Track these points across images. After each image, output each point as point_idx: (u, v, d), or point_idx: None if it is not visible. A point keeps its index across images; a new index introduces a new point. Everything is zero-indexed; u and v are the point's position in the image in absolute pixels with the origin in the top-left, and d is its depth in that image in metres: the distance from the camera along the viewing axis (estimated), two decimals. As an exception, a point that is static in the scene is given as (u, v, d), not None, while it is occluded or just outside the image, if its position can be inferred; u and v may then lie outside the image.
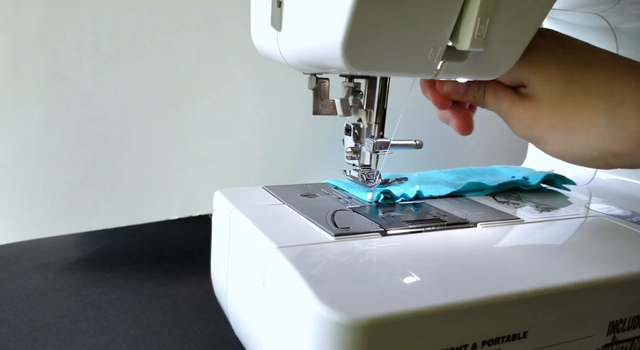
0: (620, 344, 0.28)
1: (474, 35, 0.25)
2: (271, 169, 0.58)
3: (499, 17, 0.26)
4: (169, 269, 0.53)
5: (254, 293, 0.28)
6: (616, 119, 0.26)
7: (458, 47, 0.26)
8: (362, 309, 0.21)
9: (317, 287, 0.22)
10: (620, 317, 0.27)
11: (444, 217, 0.33)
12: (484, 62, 0.28)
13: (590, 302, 0.25)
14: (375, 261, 0.26)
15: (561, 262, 0.27)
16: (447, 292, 0.23)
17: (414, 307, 0.21)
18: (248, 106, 0.57)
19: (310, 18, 0.27)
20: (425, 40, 0.26)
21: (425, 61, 0.27)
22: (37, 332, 0.39)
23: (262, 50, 0.34)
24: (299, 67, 0.31)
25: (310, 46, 0.27)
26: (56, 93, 0.53)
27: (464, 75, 0.29)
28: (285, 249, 0.26)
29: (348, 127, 0.37)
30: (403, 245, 0.28)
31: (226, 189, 0.38)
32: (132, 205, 0.56)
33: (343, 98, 0.34)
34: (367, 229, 0.29)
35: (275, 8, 0.29)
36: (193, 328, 0.41)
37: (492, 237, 0.30)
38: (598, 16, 0.47)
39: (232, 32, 0.58)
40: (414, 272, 0.24)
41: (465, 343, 0.22)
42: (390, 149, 0.36)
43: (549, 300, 0.24)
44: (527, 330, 0.24)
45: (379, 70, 0.28)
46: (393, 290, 0.23)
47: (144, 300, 0.46)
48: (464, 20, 0.25)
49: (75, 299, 0.45)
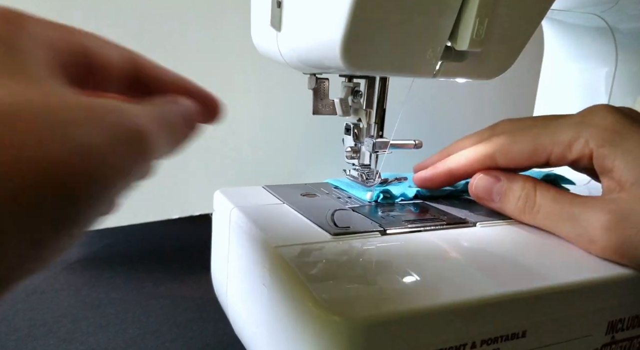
0: (619, 344, 0.28)
1: (473, 35, 0.25)
2: (271, 169, 0.58)
3: (497, 18, 0.26)
4: (168, 269, 0.53)
5: (254, 293, 0.28)
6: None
7: (457, 48, 0.26)
8: (362, 309, 0.21)
9: (316, 287, 0.22)
10: (619, 316, 0.27)
11: (444, 216, 0.33)
12: (482, 63, 0.28)
13: (589, 301, 0.25)
14: (374, 261, 0.26)
15: (560, 261, 0.27)
16: (446, 291, 0.23)
17: (413, 307, 0.21)
18: (248, 106, 0.57)
19: (309, 18, 0.27)
20: (424, 41, 0.26)
21: (424, 61, 0.27)
22: (36, 331, 0.40)
23: (262, 50, 0.34)
24: (298, 67, 0.31)
25: (310, 46, 0.28)
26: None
27: (463, 76, 0.30)
28: (285, 249, 0.26)
29: (348, 127, 0.37)
30: (402, 245, 0.28)
31: (226, 189, 0.38)
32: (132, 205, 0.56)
33: (342, 98, 0.34)
34: (366, 229, 0.29)
35: (275, 8, 0.29)
36: (192, 327, 0.41)
37: (491, 237, 0.30)
38: (597, 16, 0.47)
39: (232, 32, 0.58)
40: (414, 272, 0.24)
41: (464, 342, 0.22)
42: (390, 149, 0.36)
43: (548, 300, 0.24)
44: (526, 330, 0.24)
45: (378, 70, 0.28)
46: (393, 290, 0.23)
47: (143, 299, 0.46)
48: (462, 21, 0.26)
49: (75, 298, 0.45)
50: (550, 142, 0.29)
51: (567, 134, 0.29)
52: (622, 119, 0.28)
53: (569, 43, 0.53)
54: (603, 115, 0.28)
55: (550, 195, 0.29)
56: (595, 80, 0.51)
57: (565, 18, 0.51)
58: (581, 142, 0.28)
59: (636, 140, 0.27)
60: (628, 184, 0.26)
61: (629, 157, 0.27)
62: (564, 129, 0.29)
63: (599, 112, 0.28)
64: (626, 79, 0.49)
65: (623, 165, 0.27)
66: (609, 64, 0.50)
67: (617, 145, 0.27)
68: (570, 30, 0.52)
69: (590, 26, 0.49)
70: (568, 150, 0.29)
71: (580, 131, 0.28)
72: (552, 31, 0.54)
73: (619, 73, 0.49)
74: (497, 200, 0.31)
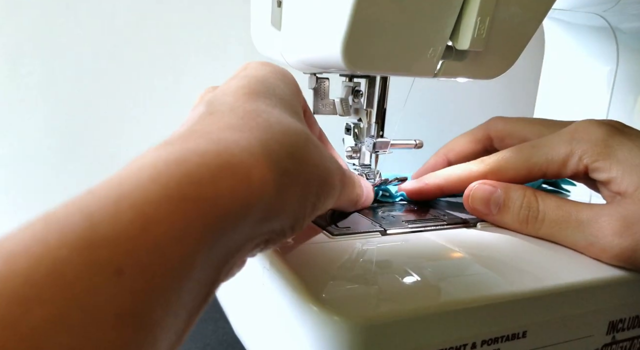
0: (619, 344, 0.28)
1: (474, 34, 0.25)
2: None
3: (499, 17, 0.26)
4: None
5: (254, 292, 0.28)
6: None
7: (458, 47, 0.26)
8: (362, 309, 0.21)
9: (317, 287, 0.22)
10: (620, 316, 0.27)
11: (444, 217, 0.33)
12: (483, 62, 0.28)
13: (589, 301, 0.25)
14: (375, 261, 0.26)
15: (561, 262, 0.27)
16: (446, 291, 0.23)
17: (413, 307, 0.21)
18: (248, 106, 0.57)
19: (310, 17, 0.27)
20: (425, 40, 0.26)
21: (425, 61, 0.27)
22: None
23: (262, 50, 0.34)
24: (299, 67, 0.31)
25: (310, 46, 0.27)
26: (55, 93, 0.53)
27: (464, 76, 0.29)
28: (284, 249, 0.26)
29: (348, 127, 0.37)
30: (403, 245, 0.28)
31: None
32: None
33: (343, 97, 0.34)
34: (367, 229, 0.29)
35: (275, 7, 0.29)
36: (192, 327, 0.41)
37: (492, 237, 0.30)
38: (598, 16, 0.47)
39: (232, 32, 0.58)
40: (414, 272, 0.24)
41: (464, 342, 0.22)
42: (390, 149, 0.36)
43: (548, 300, 0.24)
44: (527, 330, 0.24)
45: (379, 70, 0.28)
46: (393, 290, 0.23)
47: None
48: (463, 20, 0.25)
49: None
50: (544, 161, 0.30)
51: (560, 151, 0.29)
52: (610, 131, 0.28)
53: (570, 42, 0.53)
54: (592, 130, 0.29)
55: (553, 202, 0.29)
56: (597, 80, 0.51)
57: (566, 17, 0.51)
58: (575, 159, 0.29)
59: (628, 149, 0.28)
60: (630, 191, 0.27)
61: (624, 166, 0.27)
62: (555, 146, 0.30)
63: (587, 128, 0.29)
64: (628, 78, 0.49)
65: (620, 175, 0.27)
66: (611, 64, 0.50)
67: (611, 157, 0.28)
68: (572, 29, 0.52)
69: (592, 25, 0.49)
70: (563, 167, 0.30)
71: (573, 148, 0.29)
72: (553, 30, 0.54)
73: (621, 72, 0.49)
74: (495, 212, 0.31)
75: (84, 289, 0.11)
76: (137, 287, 0.12)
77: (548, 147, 0.30)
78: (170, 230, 0.13)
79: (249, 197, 0.16)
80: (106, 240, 0.12)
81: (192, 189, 0.14)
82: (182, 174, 0.14)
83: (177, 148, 0.16)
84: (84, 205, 0.13)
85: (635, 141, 0.28)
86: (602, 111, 0.51)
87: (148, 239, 0.13)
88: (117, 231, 0.12)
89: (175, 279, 0.13)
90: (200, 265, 0.14)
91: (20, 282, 0.11)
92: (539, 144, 0.31)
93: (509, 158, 0.31)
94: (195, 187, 0.14)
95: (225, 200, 0.15)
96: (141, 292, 0.12)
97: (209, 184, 0.15)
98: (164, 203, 0.13)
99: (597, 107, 0.51)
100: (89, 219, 0.12)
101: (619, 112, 0.50)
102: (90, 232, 0.12)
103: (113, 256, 0.12)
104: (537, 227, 0.29)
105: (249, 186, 0.16)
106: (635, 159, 0.27)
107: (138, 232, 0.13)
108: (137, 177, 0.14)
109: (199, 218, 0.14)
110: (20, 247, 0.12)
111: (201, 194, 0.14)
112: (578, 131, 0.29)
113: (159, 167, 0.14)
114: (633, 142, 0.28)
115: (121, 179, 0.14)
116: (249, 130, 0.18)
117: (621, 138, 0.28)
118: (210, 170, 0.15)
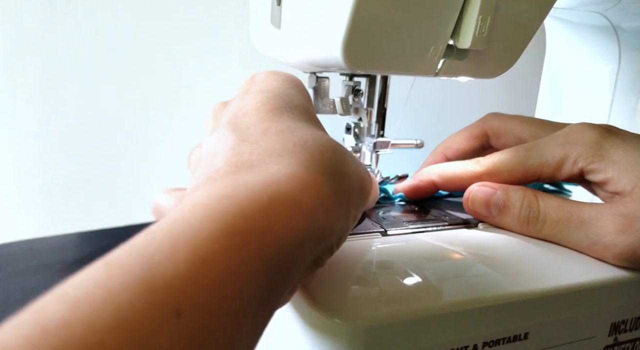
0: (622, 345, 0.28)
1: (475, 33, 0.25)
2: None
3: (500, 15, 0.26)
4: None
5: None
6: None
7: (459, 46, 0.26)
8: (363, 311, 0.20)
9: (316, 287, 0.22)
10: (622, 318, 0.27)
11: (445, 217, 0.33)
12: (484, 62, 0.28)
13: (591, 303, 0.25)
14: (375, 261, 0.26)
15: (563, 263, 0.27)
16: (447, 292, 0.22)
17: (414, 309, 0.21)
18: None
19: (310, 16, 0.26)
20: (426, 39, 0.26)
21: (426, 60, 0.26)
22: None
23: (261, 49, 0.33)
24: (298, 66, 0.31)
25: (310, 44, 0.27)
26: (55, 93, 0.53)
27: (465, 75, 0.29)
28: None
29: (348, 126, 0.37)
30: (403, 246, 0.28)
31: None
32: (131, 205, 0.56)
33: (343, 97, 0.34)
34: (367, 229, 0.29)
35: (274, 6, 0.28)
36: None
37: (493, 238, 0.30)
38: (600, 15, 0.47)
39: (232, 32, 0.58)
40: (415, 273, 0.24)
41: (466, 344, 0.22)
42: (391, 149, 0.36)
43: (550, 301, 0.24)
44: (528, 332, 0.24)
45: (379, 69, 0.28)
46: (393, 291, 0.22)
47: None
48: (465, 18, 0.25)
49: (73, 299, 0.45)
50: (538, 164, 0.30)
51: (555, 154, 0.30)
52: (603, 133, 0.29)
53: (571, 41, 0.53)
54: (585, 132, 0.29)
55: (554, 202, 0.29)
56: (599, 79, 0.51)
57: (567, 16, 0.50)
58: (570, 162, 0.29)
59: (622, 149, 0.28)
60: (628, 190, 0.27)
61: (619, 166, 0.28)
62: (549, 149, 0.30)
63: (581, 130, 0.29)
64: (630, 77, 0.49)
65: (616, 175, 0.27)
66: (612, 63, 0.50)
67: (606, 158, 0.28)
68: (573, 28, 0.52)
69: (593, 24, 0.49)
70: (557, 170, 0.30)
71: (567, 151, 0.29)
72: (554, 29, 0.54)
73: (623, 71, 0.49)
74: (494, 213, 0.30)
75: (145, 333, 0.11)
76: (195, 327, 0.12)
77: (542, 149, 0.30)
78: (226, 266, 0.13)
79: (302, 225, 0.16)
80: (164, 281, 0.12)
81: (245, 223, 0.14)
82: (234, 209, 0.15)
83: (225, 184, 0.16)
84: (142, 247, 0.13)
85: (628, 142, 0.28)
86: (604, 110, 0.51)
87: (204, 277, 0.13)
88: (175, 271, 0.12)
89: (233, 317, 0.13)
90: (259, 299, 0.14)
91: (84, 330, 0.11)
92: (534, 147, 0.31)
93: (503, 160, 0.31)
94: (248, 221, 0.15)
95: (278, 231, 0.15)
96: (200, 331, 0.12)
97: (260, 218, 0.15)
98: (220, 238, 0.14)
99: (599, 106, 0.51)
100: (148, 261, 0.13)
101: (621, 112, 0.50)
102: (149, 274, 0.12)
103: (171, 297, 0.12)
104: (538, 228, 0.29)
105: (300, 214, 0.16)
106: (630, 159, 0.27)
107: (194, 271, 0.13)
108: (191, 214, 0.14)
109: (253, 251, 0.14)
110: (84, 292, 0.12)
111: (254, 227, 0.15)
112: (572, 134, 0.30)
113: (212, 204, 0.15)
114: (626, 142, 0.28)
115: (176, 218, 0.14)
116: (288, 155, 0.18)
117: (614, 139, 0.28)
118: (262, 203, 0.15)
